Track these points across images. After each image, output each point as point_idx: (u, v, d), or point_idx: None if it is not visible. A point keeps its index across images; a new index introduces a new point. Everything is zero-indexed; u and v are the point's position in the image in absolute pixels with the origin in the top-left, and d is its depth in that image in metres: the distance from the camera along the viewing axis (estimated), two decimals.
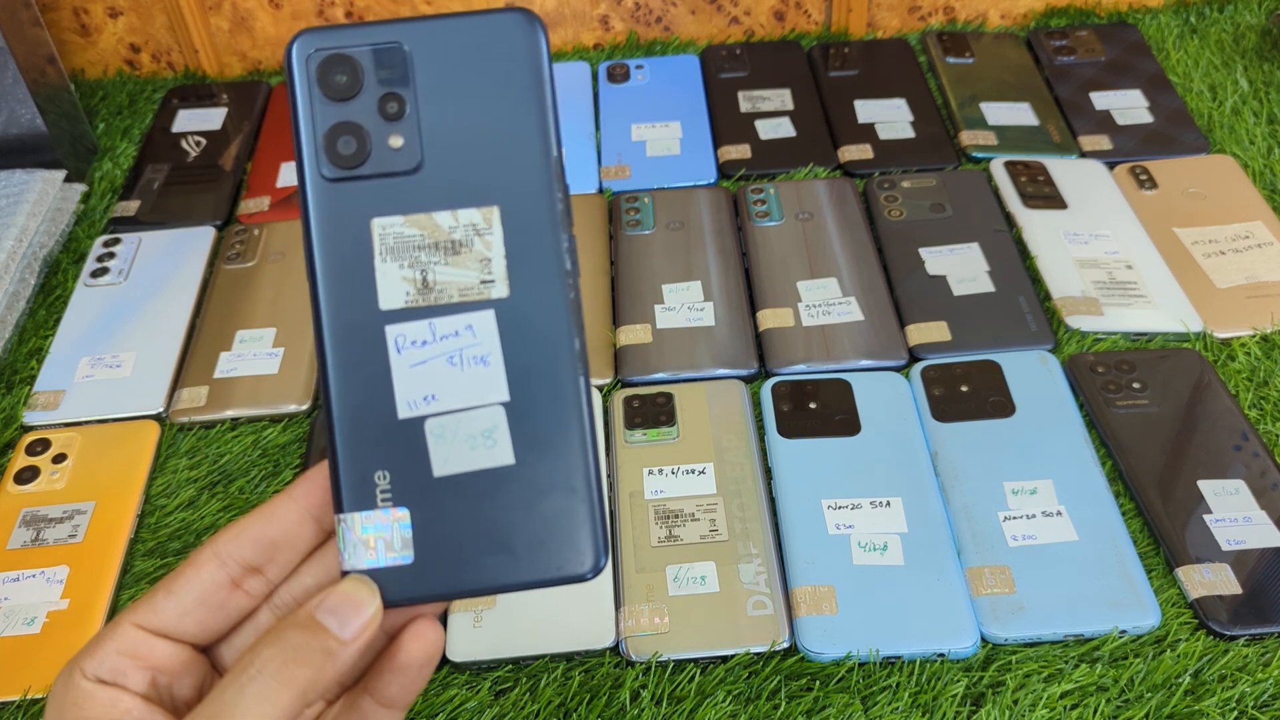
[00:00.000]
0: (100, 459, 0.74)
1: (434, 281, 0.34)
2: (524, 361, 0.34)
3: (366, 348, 0.34)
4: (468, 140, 0.34)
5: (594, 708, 0.60)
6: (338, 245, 0.34)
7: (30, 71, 0.94)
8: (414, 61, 0.34)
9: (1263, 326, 0.79)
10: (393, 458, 0.34)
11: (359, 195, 0.34)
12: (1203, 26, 1.08)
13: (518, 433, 0.34)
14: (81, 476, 0.73)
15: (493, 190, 0.34)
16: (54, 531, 0.70)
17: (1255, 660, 0.61)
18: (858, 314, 0.81)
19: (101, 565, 0.68)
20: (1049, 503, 0.68)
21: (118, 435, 0.76)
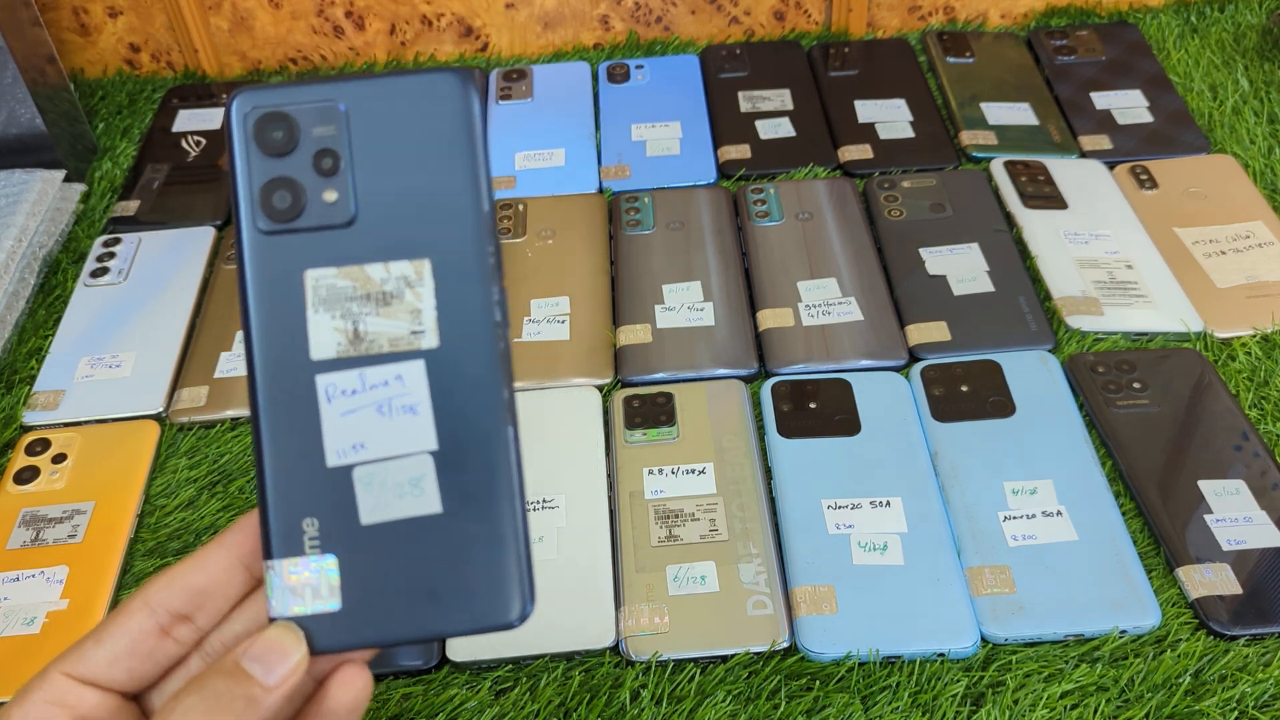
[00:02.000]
0: (100, 459, 0.74)
1: (365, 332, 0.35)
2: (453, 411, 0.35)
3: (297, 396, 0.35)
4: (400, 195, 0.35)
5: (594, 707, 0.60)
6: (272, 296, 0.35)
7: (30, 71, 0.94)
8: (349, 119, 0.35)
9: (1263, 326, 0.79)
10: (321, 505, 0.35)
11: (293, 248, 0.35)
12: (1203, 26, 1.08)
13: (445, 482, 0.35)
14: (81, 476, 0.73)
15: (424, 244, 0.35)
16: (54, 531, 0.70)
17: (1256, 660, 0.61)
18: (858, 314, 0.81)
19: (101, 565, 0.68)
20: (1049, 503, 0.68)
21: (118, 435, 0.76)
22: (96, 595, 0.67)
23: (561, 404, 0.77)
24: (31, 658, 0.63)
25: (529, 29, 1.12)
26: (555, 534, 0.68)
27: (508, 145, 1.00)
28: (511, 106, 1.04)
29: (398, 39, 1.12)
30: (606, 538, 0.68)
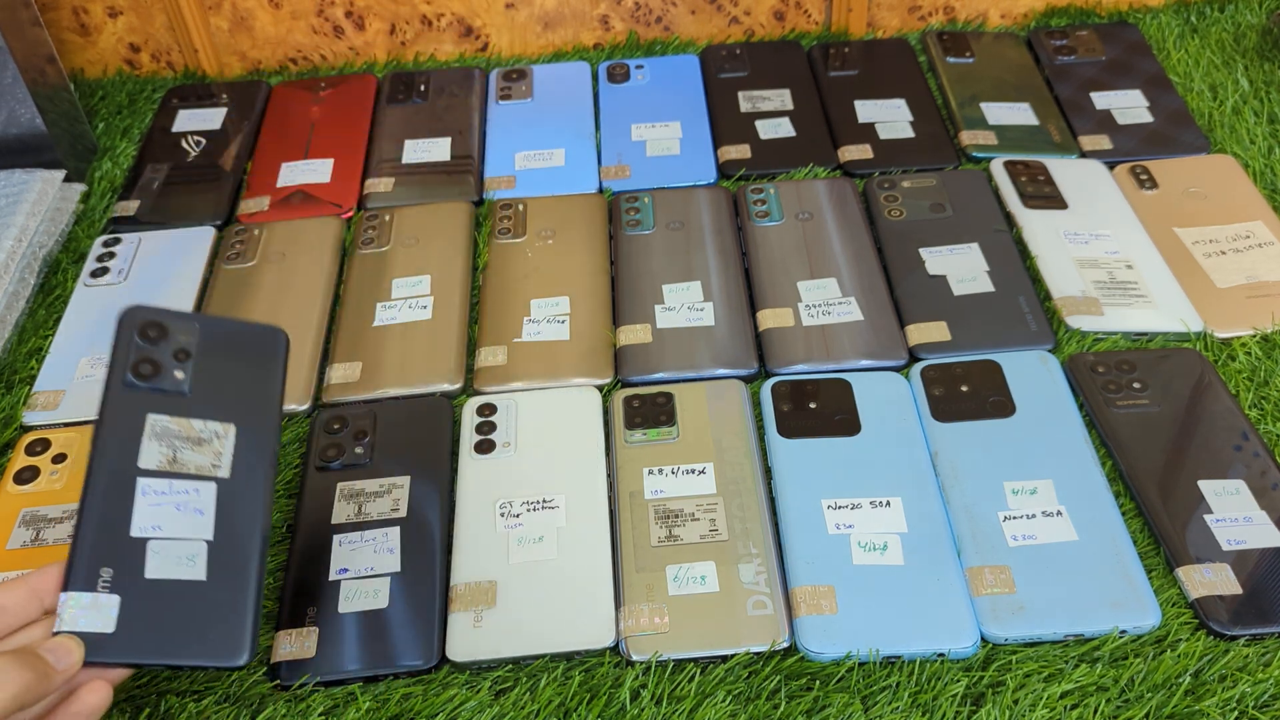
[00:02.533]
0: None
1: (180, 459, 0.55)
2: (226, 519, 0.54)
3: (122, 486, 0.53)
4: (224, 386, 0.57)
5: (594, 707, 0.60)
6: (121, 424, 0.54)
7: (30, 71, 0.94)
8: (201, 335, 0.58)
9: (1263, 326, 0.79)
10: (118, 560, 0.52)
11: (144, 399, 0.55)
12: (1203, 26, 1.08)
13: (212, 561, 0.53)
14: (80, 475, 0.73)
15: (232, 415, 0.57)
16: (54, 532, 0.70)
17: (1256, 660, 0.61)
18: (858, 314, 0.81)
19: None
20: (1049, 503, 0.68)
21: None
22: None
23: (561, 404, 0.77)
24: None
25: (529, 29, 1.12)
26: (555, 534, 0.68)
27: (508, 145, 1.00)
28: (511, 106, 1.04)
29: (398, 39, 1.12)
30: (606, 538, 0.68)
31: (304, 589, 0.66)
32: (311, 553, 0.68)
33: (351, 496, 0.71)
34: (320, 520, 0.70)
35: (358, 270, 0.88)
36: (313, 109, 1.05)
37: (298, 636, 0.64)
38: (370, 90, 1.07)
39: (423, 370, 0.80)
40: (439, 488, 0.71)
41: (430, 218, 0.92)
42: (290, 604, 0.66)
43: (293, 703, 0.62)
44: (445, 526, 0.70)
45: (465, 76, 1.08)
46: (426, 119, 1.03)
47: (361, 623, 0.64)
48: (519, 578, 0.66)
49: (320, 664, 0.63)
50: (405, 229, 0.91)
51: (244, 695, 0.62)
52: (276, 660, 0.63)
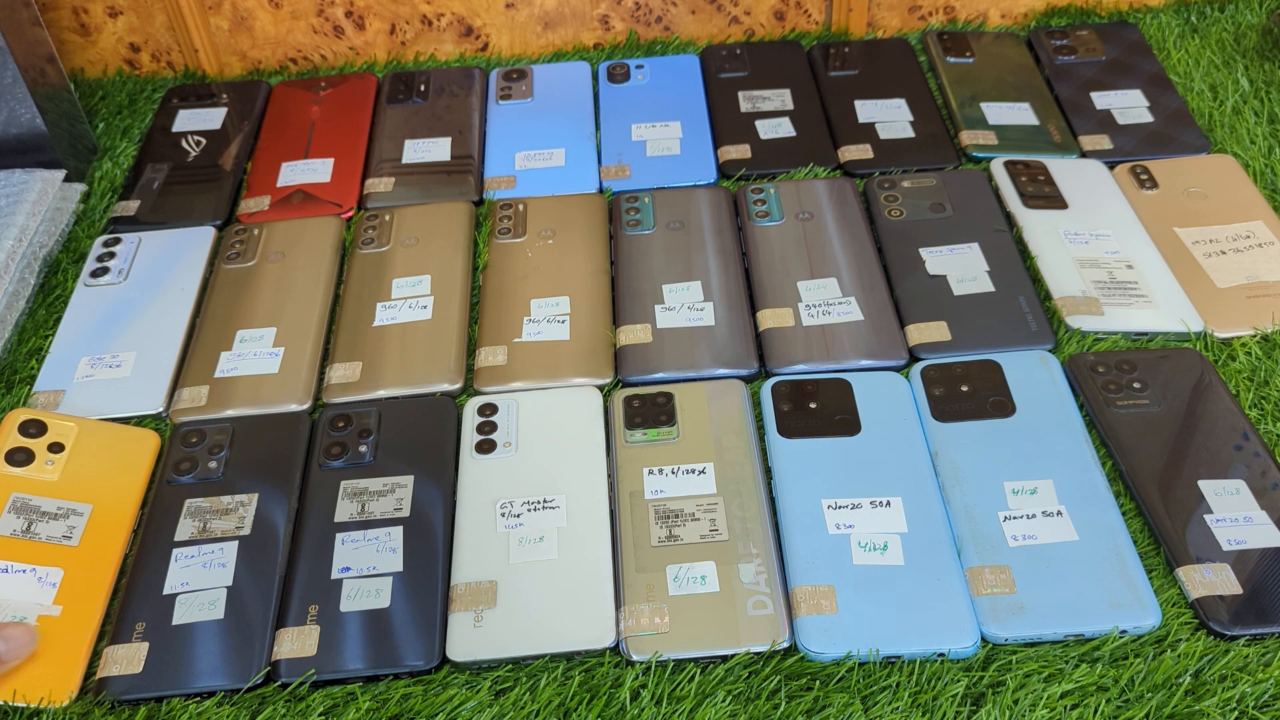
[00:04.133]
0: (98, 459, 0.74)
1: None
2: (247, 570, 0.67)
3: (159, 556, 0.69)
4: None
5: (594, 707, 0.60)
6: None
7: (30, 71, 0.94)
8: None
9: (1263, 326, 0.79)
10: (157, 612, 0.65)
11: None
12: (1203, 26, 1.08)
13: (230, 605, 0.65)
14: (78, 473, 0.73)
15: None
16: (47, 528, 0.70)
17: (1256, 660, 0.61)
18: (858, 314, 0.81)
19: (97, 576, 0.68)
20: (1049, 503, 0.68)
21: (116, 438, 0.76)
22: (91, 607, 0.66)
23: (562, 404, 0.77)
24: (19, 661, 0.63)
25: (529, 29, 1.12)
26: (555, 534, 0.68)
27: (508, 145, 1.00)
28: (511, 106, 1.04)
29: (398, 39, 1.12)
30: (607, 538, 0.68)
31: (306, 587, 0.66)
32: (314, 551, 0.68)
33: (355, 495, 0.71)
34: (323, 519, 0.70)
35: (358, 270, 0.88)
36: (313, 109, 1.05)
37: (299, 635, 0.64)
38: (370, 90, 1.07)
39: (423, 370, 0.80)
40: (442, 488, 0.71)
41: (430, 218, 0.92)
42: (292, 602, 0.66)
43: (292, 702, 0.62)
44: (448, 526, 0.70)
45: (465, 76, 1.08)
46: (426, 119, 1.03)
47: (363, 622, 0.64)
48: (519, 578, 0.66)
49: (321, 663, 0.63)
50: (405, 229, 0.91)
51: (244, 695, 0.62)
52: (277, 658, 0.63)
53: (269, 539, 0.69)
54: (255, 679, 0.62)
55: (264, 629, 0.64)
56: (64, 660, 0.64)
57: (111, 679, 0.63)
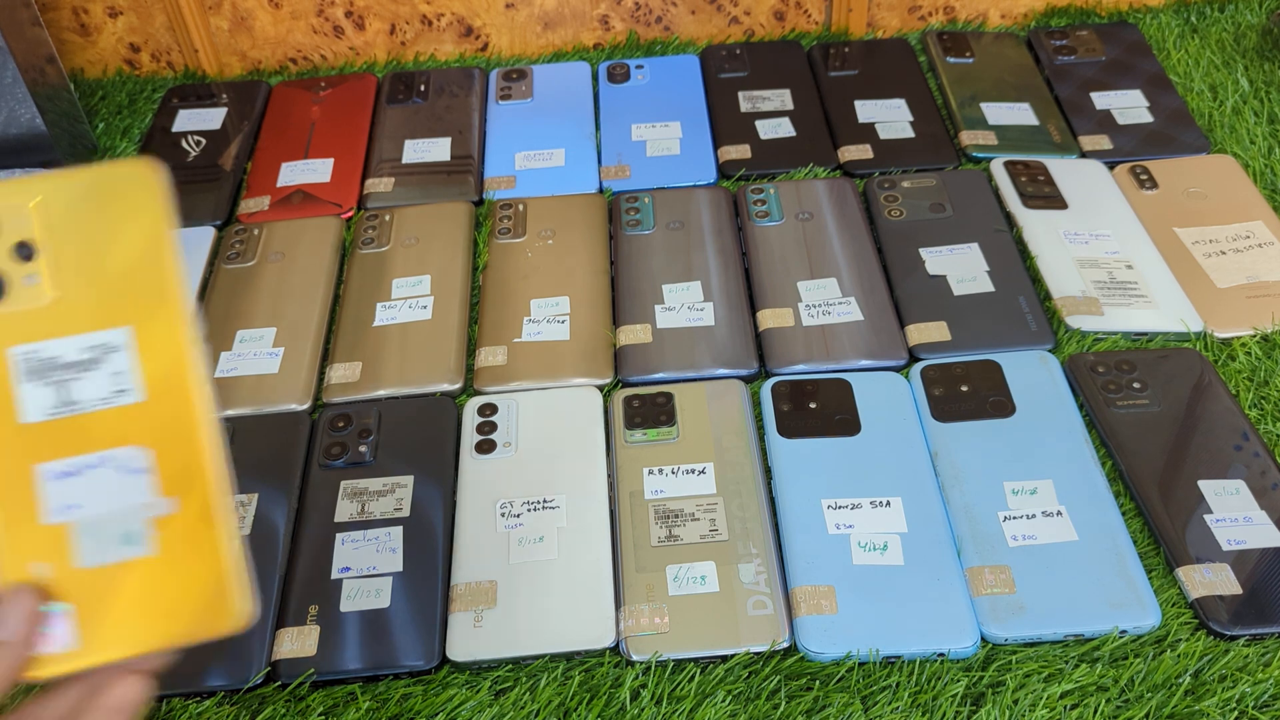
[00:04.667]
0: (87, 239, 0.43)
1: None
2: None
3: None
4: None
5: (594, 707, 0.60)
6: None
7: (30, 71, 0.94)
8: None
9: (1263, 326, 0.79)
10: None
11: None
12: (1203, 26, 1.08)
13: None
14: (73, 273, 0.42)
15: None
16: (81, 386, 0.46)
17: (1256, 660, 0.61)
18: (858, 314, 0.81)
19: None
20: (1049, 503, 0.68)
21: (96, 194, 0.43)
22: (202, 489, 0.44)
23: (562, 404, 0.77)
24: None
25: (529, 29, 1.12)
26: (555, 534, 0.68)
27: (508, 145, 1.00)
28: (511, 106, 1.04)
29: (398, 39, 1.12)
30: (606, 538, 0.68)
31: (306, 587, 0.66)
32: (314, 551, 0.68)
33: (355, 495, 0.71)
34: (323, 519, 0.70)
35: (358, 270, 0.88)
36: (313, 109, 1.05)
37: (298, 635, 0.64)
38: (370, 90, 1.07)
39: (423, 370, 0.80)
40: (442, 488, 0.71)
41: (430, 218, 0.92)
42: (291, 602, 0.66)
43: (292, 702, 0.62)
44: (448, 526, 0.70)
45: (465, 76, 1.08)
46: (426, 119, 1.03)
47: (363, 622, 0.64)
48: (519, 578, 0.66)
49: (321, 663, 0.63)
50: (405, 229, 0.91)
51: (244, 695, 0.62)
52: (277, 658, 0.63)
53: (269, 539, 0.69)
54: (255, 679, 0.62)
55: (264, 629, 0.64)
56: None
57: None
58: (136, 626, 0.40)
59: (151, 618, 0.40)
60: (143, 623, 0.40)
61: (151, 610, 0.40)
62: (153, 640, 0.40)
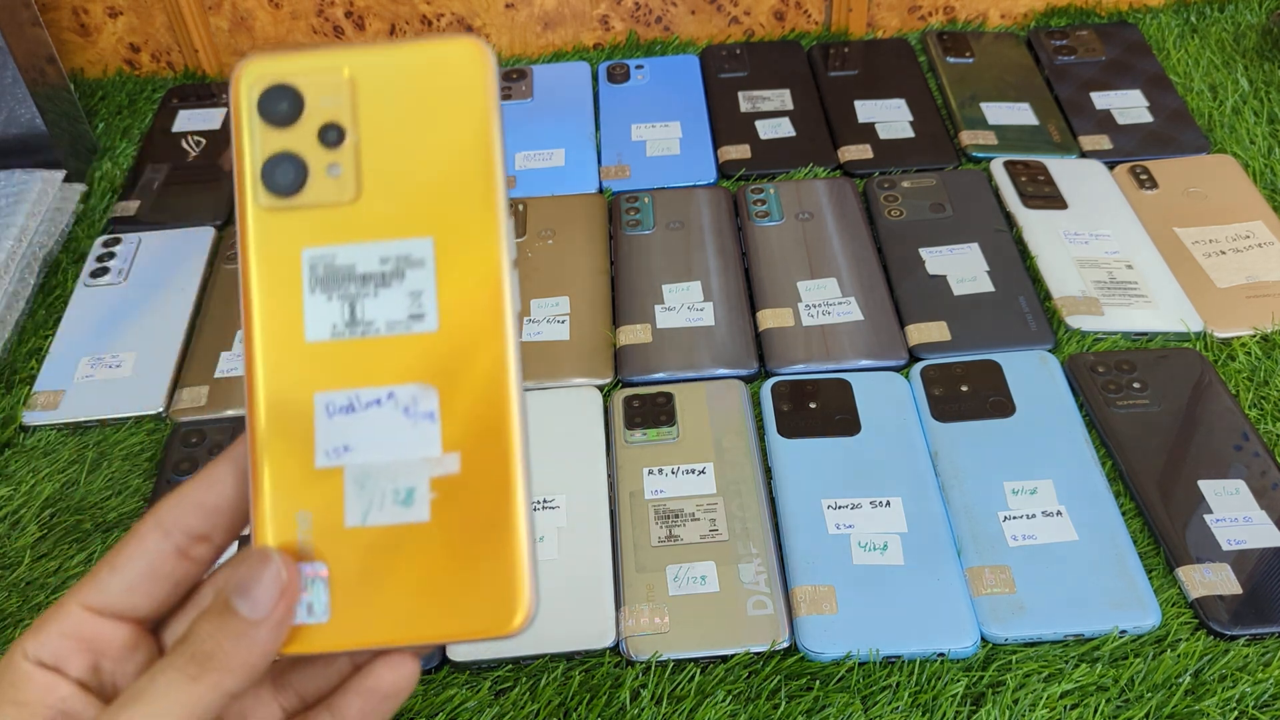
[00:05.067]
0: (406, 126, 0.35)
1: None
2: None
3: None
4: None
5: (594, 707, 0.60)
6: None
7: (30, 71, 0.94)
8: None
9: (1263, 326, 0.79)
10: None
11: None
12: (1203, 26, 1.08)
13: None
14: (384, 168, 0.35)
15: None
16: (374, 304, 0.36)
17: (1255, 660, 0.61)
18: (858, 314, 0.81)
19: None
20: (1049, 503, 0.68)
21: (420, 72, 0.35)
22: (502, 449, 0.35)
23: (562, 404, 0.77)
24: None
25: (529, 29, 1.12)
26: (555, 534, 0.68)
27: (508, 145, 1.00)
28: (511, 106, 1.04)
29: (398, 39, 1.12)
30: (607, 538, 0.68)
31: None
32: None
33: None
34: None
35: None
36: None
37: None
38: None
39: None
40: None
41: None
42: None
43: None
44: None
45: None
46: None
47: None
48: None
49: None
50: None
51: None
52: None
53: None
54: None
55: None
56: None
57: None
58: (397, 609, 0.32)
59: (416, 601, 0.32)
60: (405, 606, 0.32)
61: (417, 592, 0.32)
62: (413, 630, 0.32)
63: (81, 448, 0.76)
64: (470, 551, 0.32)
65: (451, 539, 0.32)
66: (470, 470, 0.32)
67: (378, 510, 0.32)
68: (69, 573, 0.69)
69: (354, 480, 0.32)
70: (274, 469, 0.32)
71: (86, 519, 0.72)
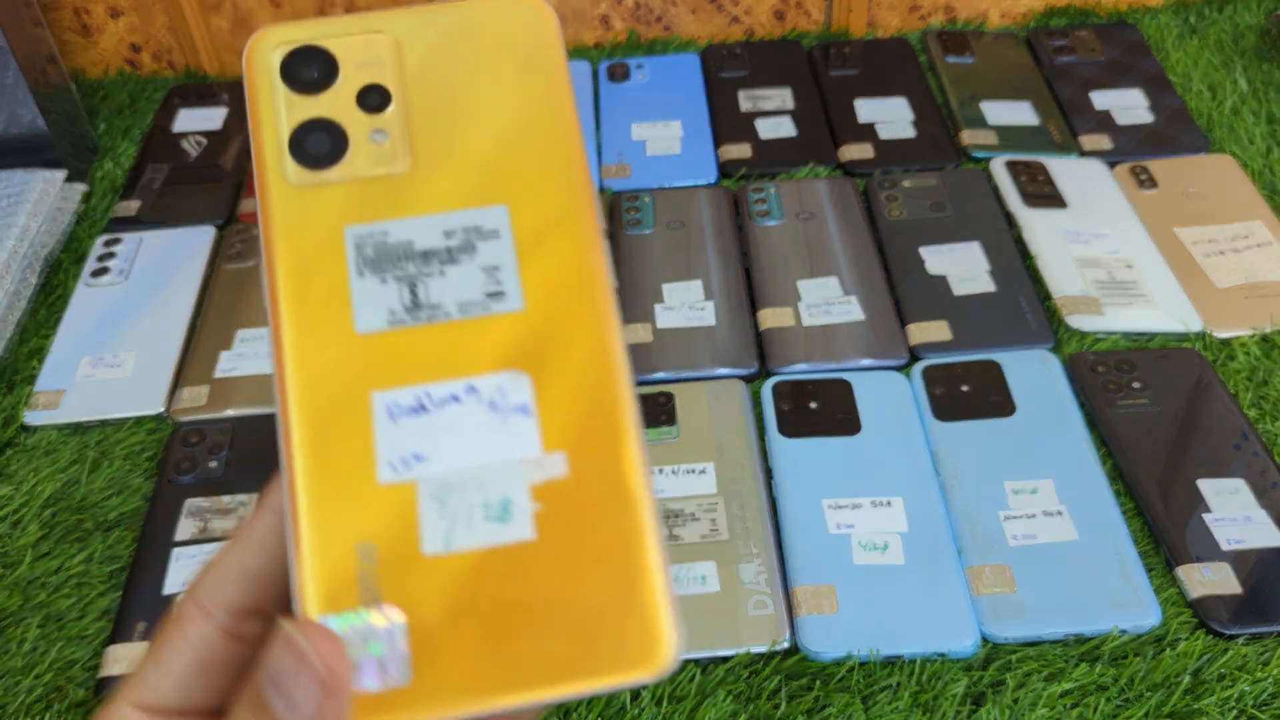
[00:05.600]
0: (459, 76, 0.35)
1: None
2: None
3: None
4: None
5: (594, 707, 0.60)
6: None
7: (31, 71, 0.94)
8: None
9: (1262, 326, 0.79)
10: (157, 615, 0.27)
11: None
12: (1202, 26, 1.09)
13: None
14: (430, 124, 0.33)
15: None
16: (440, 285, 0.31)
17: (1255, 659, 0.61)
18: (858, 313, 0.81)
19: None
20: (1049, 502, 0.68)
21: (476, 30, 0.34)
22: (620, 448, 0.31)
23: None
24: None
25: None
26: None
27: None
28: None
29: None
30: None
31: None
32: None
33: None
34: None
35: None
36: None
37: None
38: None
39: None
40: None
41: None
42: None
43: None
44: None
45: None
46: None
47: None
48: None
49: None
50: None
51: None
52: None
53: None
54: None
55: None
56: None
57: (113, 680, 0.63)
58: (501, 659, 0.25)
59: (526, 645, 0.25)
60: (512, 653, 0.25)
61: (527, 632, 0.25)
62: (527, 684, 0.24)
63: (82, 447, 0.76)
64: (591, 574, 0.25)
65: (565, 560, 0.25)
66: (581, 472, 0.26)
67: (465, 531, 0.26)
68: (69, 572, 0.69)
69: (431, 495, 0.26)
70: (321, 492, 0.26)
71: (87, 518, 0.72)
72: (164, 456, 0.75)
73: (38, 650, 0.65)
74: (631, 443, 0.26)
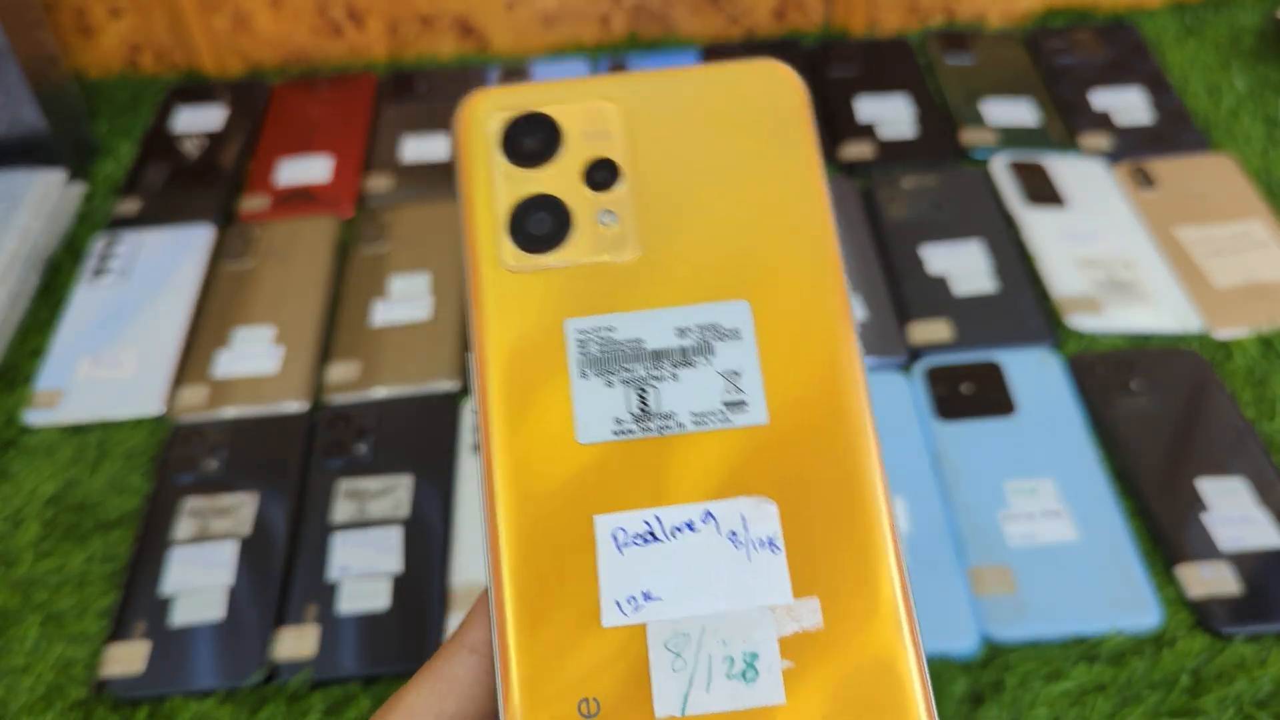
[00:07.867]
0: None
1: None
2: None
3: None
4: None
5: None
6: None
7: (32, 72, 0.94)
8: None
9: (1262, 326, 0.79)
10: (156, 615, 0.25)
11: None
12: (1201, 27, 1.09)
13: (230, 602, 0.24)
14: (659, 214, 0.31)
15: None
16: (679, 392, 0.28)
17: (1254, 658, 0.61)
18: (859, 313, 0.81)
19: None
20: (1050, 502, 0.68)
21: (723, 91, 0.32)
22: None
23: None
24: None
25: (529, 28, 1.12)
26: None
27: None
28: None
29: (398, 39, 1.12)
30: None
31: (305, 587, 0.66)
32: (313, 551, 0.68)
33: (354, 495, 0.71)
34: (323, 519, 0.70)
35: (357, 269, 0.88)
36: (313, 108, 1.05)
37: (298, 635, 0.64)
38: (370, 90, 1.07)
39: (422, 370, 0.80)
40: (442, 488, 0.72)
41: (430, 217, 0.92)
42: (290, 602, 0.66)
43: (292, 702, 0.62)
44: (448, 527, 0.70)
45: (466, 75, 1.08)
46: (426, 118, 1.03)
47: (362, 622, 0.65)
48: None
49: (320, 663, 0.63)
50: (405, 228, 0.91)
51: (243, 695, 0.62)
52: (276, 659, 0.63)
53: (269, 538, 0.69)
54: (255, 679, 0.63)
55: (264, 629, 0.65)
56: None
57: (113, 679, 0.63)
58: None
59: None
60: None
61: None
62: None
63: (82, 447, 0.76)
64: None
65: None
66: (837, 623, 0.22)
67: (704, 691, 0.22)
68: (69, 571, 0.69)
69: (664, 644, 0.22)
70: (539, 634, 0.23)
71: (87, 518, 0.72)
72: (163, 456, 0.75)
73: (38, 650, 0.65)
74: (894, 587, 0.23)
